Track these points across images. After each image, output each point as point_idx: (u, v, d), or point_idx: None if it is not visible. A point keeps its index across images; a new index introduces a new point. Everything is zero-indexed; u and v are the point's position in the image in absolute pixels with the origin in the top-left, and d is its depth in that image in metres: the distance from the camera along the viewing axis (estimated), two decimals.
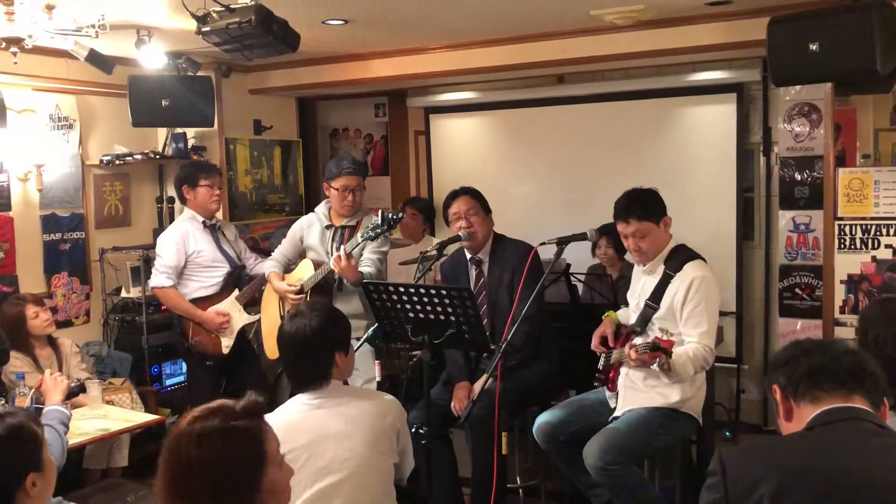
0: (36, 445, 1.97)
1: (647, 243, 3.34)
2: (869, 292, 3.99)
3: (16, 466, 1.91)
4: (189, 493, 1.59)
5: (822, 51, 3.61)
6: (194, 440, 1.61)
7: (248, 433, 1.65)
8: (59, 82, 4.92)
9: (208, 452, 1.60)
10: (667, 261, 3.37)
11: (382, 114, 6.74)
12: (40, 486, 1.93)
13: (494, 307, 3.75)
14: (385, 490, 2.55)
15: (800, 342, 1.89)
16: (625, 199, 3.38)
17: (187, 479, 1.59)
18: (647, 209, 3.33)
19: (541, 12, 4.29)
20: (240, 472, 1.62)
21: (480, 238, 3.83)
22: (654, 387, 3.34)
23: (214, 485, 1.59)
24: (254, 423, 1.67)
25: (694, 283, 3.24)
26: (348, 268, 3.80)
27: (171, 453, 1.62)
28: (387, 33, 4.79)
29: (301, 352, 2.55)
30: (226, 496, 1.59)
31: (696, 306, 3.24)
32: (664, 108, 5.43)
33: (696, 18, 4.37)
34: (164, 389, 5.20)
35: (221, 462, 1.60)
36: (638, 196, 3.37)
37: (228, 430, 1.63)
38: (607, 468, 3.16)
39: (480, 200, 3.87)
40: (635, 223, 3.31)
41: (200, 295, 4.38)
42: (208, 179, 4.44)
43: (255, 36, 3.29)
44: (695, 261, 3.34)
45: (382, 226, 3.72)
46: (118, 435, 4.02)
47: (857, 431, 1.70)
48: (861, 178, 4.01)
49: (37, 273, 4.95)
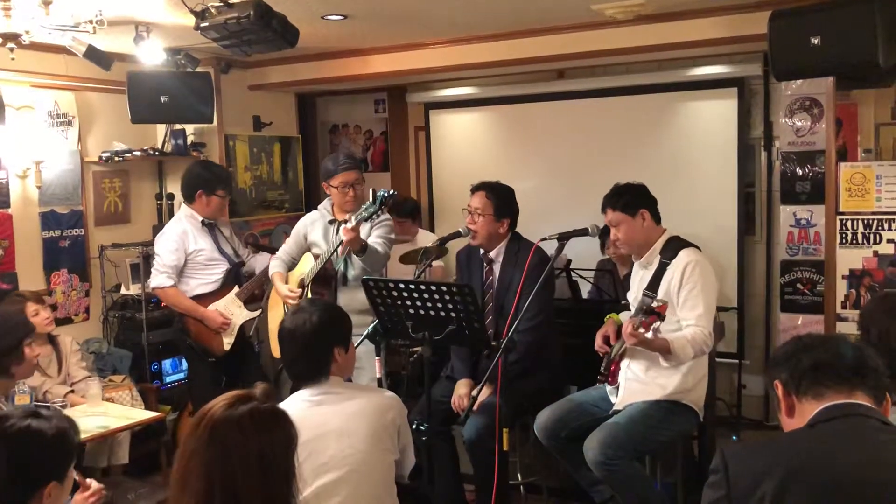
0: (70, 455, 1.93)
1: (622, 234, 3.42)
2: (871, 287, 3.98)
3: (48, 469, 1.86)
4: (230, 479, 1.57)
5: (824, 44, 3.59)
6: (241, 424, 1.59)
7: (285, 415, 1.68)
8: (58, 79, 4.91)
9: (260, 434, 1.60)
10: (662, 252, 3.40)
11: (382, 109, 6.72)
12: (54, 498, 1.88)
13: (500, 309, 3.70)
14: (386, 487, 2.55)
15: (801, 337, 1.88)
16: (609, 192, 3.50)
17: (231, 463, 1.57)
18: (623, 201, 3.41)
19: (541, 7, 4.27)
20: (287, 452, 1.64)
21: (480, 239, 3.76)
22: (655, 378, 3.33)
23: (264, 466, 1.58)
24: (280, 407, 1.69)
25: (688, 267, 3.27)
26: (356, 237, 3.72)
27: (209, 440, 1.59)
28: (386, 29, 4.77)
29: (299, 347, 2.55)
30: (274, 477, 1.59)
31: (692, 289, 3.25)
32: (665, 104, 5.41)
33: (696, 13, 4.36)
34: (165, 386, 5.19)
35: (272, 443, 1.61)
36: (619, 189, 3.47)
37: (275, 412, 1.65)
38: (608, 462, 3.16)
39: (497, 200, 3.74)
40: (611, 213, 3.44)
41: (201, 292, 4.37)
42: (225, 191, 4.43)
43: (253, 31, 3.28)
44: (688, 248, 3.37)
45: (374, 204, 3.66)
46: (119, 432, 4.02)
47: (860, 428, 1.69)
48: (863, 172, 4.00)
49: (36, 270, 4.94)
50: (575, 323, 4.20)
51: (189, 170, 4.52)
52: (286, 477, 1.63)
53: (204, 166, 4.56)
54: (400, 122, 6.64)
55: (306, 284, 4.08)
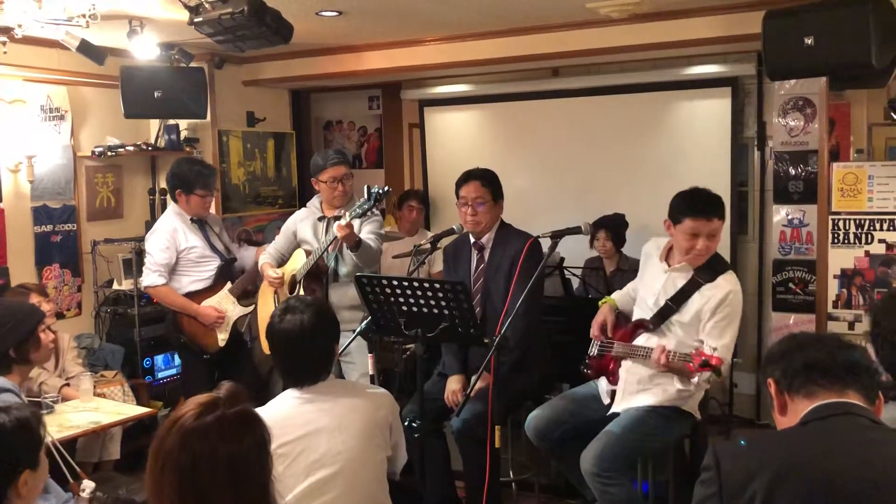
0: (37, 442, 1.95)
1: (715, 244, 3.25)
2: (862, 287, 4.00)
3: (15, 460, 1.89)
4: (201, 489, 1.56)
5: (818, 45, 3.60)
6: (209, 435, 1.57)
7: (255, 418, 1.65)
8: (51, 73, 4.89)
9: (228, 442, 1.57)
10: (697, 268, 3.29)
11: (376, 106, 6.72)
12: (31, 485, 1.91)
13: (488, 294, 3.72)
14: (378, 483, 2.54)
15: (795, 336, 1.89)
16: (703, 198, 3.26)
17: (202, 474, 1.55)
18: (723, 210, 3.25)
19: (537, 5, 4.27)
20: (260, 457, 1.61)
21: (484, 225, 3.78)
22: (657, 382, 3.31)
23: (236, 475, 1.56)
24: (250, 408, 1.67)
25: (728, 296, 3.19)
26: (351, 233, 3.73)
27: (179, 450, 1.57)
28: (381, 25, 4.77)
29: (298, 348, 2.50)
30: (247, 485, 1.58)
31: (724, 318, 3.19)
32: (659, 102, 5.42)
33: (691, 12, 4.37)
34: (157, 382, 5.18)
35: (241, 451, 1.58)
36: (713, 195, 3.27)
37: (244, 418, 1.61)
38: (602, 475, 3.14)
39: (492, 186, 3.79)
40: (717, 221, 3.22)
41: (194, 289, 4.36)
42: (204, 190, 4.40)
43: (247, 27, 3.27)
44: (729, 273, 3.28)
45: (369, 201, 3.68)
46: (110, 428, 4.00)
47: (852, 426, 1.70)
48: (855, 172, 4.01)
49: (28, 265, 4.92)
50: (567, 320, 4.20)
51: (170, 169, 4.47)
52: (260, 482, 1.61)
53: (183, 164, 4.46)
54: (394, 119, 6.64)
55: (298, 280, 4.08)
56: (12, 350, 2.94)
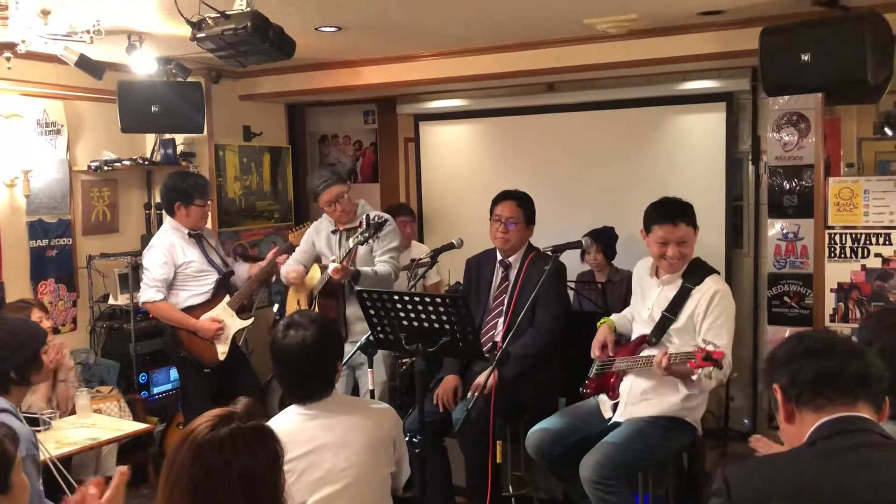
0: (5, 465, 1.81)
1: (688, 249, 3.35)
2: (859, 301, 4.02)
3: None
4: (212, 500, 1.54)
5: (814, 61, 3.65)
6: (223, 447, 1.55)
7: (269, 432, 1.64)
8: (48, 87, 4.88)
9: (242, 456, 1.56)
10: (684, 274, 3.37)
11: (372, 121, 6.73)
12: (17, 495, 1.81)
13: (517, 313, 3.71)
14: (383, 499, 2.54)
15: (802, 337, 1.81)
16: (671, 204, 3.39)
17: (215, 487, 1.54)
18: (692, 215, 3.36)
19: (533, 20, 4.30)
20: (273, 472, 1.60)
21: (513, 244, 3.90)
22: (660, 394, 3.34)
23: (248, 490, 1.54)
24: (264, 423, 1.66)
25: (717, 296, 3.27)
26: (344, 273, 3.94)
27: (192, 462, 1.56)
28: (379, 40, 4.78)
29: (301, 364, 2.50)
30: (260, 500, 1.56)
31: (717, 318, 3.26)
32: (654, 117, 5.45)
33: (688, 28, 4.40)
34: (153, 398, 5.14)
35: (255, 464, 1.57)
36: (682, 202, 3.41)
37: (258, 431, 1.60)
38: (601, 483, 3.15)
39: (526, 208, 3.94)
40: (683, 227, 3.33)
41: (192, 303, 4.35)
42: (202, 199, 4.40)
43: (250, 42, 3.27)
44: (715, 275, 3.38)
45: (369, 230, 3.84)
46: (107, 444, 3.98)
47: (861, 446, 1.66)
48: (851, 187, 4.04)
49: (23, 280, 4.89)
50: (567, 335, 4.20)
51: (164, 183, 4.49)
52: (273, 496, 1.60)
53: (178, 178, 4.49)
54: (390, 134, 6.64)
55: (314, 297, 4.15)
56: (13, 371, 2.89)
